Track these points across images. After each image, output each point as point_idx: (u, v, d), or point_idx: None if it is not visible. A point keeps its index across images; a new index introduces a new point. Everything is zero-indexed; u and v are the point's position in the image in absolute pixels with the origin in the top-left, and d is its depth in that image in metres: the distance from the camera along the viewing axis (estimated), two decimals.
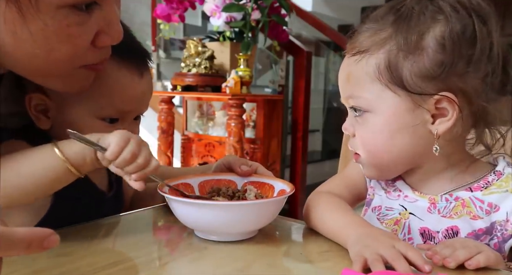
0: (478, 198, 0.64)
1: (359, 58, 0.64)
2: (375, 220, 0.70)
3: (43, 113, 0.71)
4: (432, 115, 0.62)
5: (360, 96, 0.64)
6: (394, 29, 0.61)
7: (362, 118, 0.65)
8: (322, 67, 4.18)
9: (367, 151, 0.66)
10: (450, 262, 0.53)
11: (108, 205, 0.78)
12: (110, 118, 0.70)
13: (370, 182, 0.75)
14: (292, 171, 2.76)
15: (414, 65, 0.60)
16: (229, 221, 0.58)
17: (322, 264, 0.57)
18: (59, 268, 0.52)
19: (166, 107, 2.35)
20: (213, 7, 2.15)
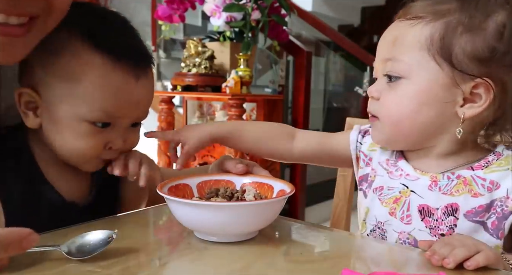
0: (480, 176, 0.65)
1: (414, 22, 0.64)
2: (377, 200, 0.71)
3: (32, 110, 0.68)
4: (464, 98, 0.62)
5: (402, 60, 0.64)
6: (460, 3, 0.61)
7: (395, 84, 0.65)
8: (322, 67, 4.19)
9: (390, 116, 0.67)
10: (449, 263, 0.53)
11: (84, 215, 0.72)
12: (101, 123, 0.67)
13: (371, 164, 0.75)
14: (292, 171, 2.76)
15: (468, 43, 0.60)
16: (228, 222, 0.58)
17: (322, 264, 0.57)
18: (58, 268, 0.52)
19: (166, 107, 2.35)
20: (213, 7, 2.15)
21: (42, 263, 0.53)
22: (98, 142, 0.68)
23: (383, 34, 0.69)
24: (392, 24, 0.68)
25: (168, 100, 2.35)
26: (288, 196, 0.62)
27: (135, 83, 0.68)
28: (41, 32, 0.61)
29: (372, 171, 0.74)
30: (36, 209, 0.70)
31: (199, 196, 0.69)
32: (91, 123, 0.67)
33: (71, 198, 0.73)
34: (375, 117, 0.69)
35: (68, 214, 0.71)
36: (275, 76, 2.60)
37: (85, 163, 0.71)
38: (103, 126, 0.68)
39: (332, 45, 4.12)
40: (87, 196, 0.76)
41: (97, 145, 0.69)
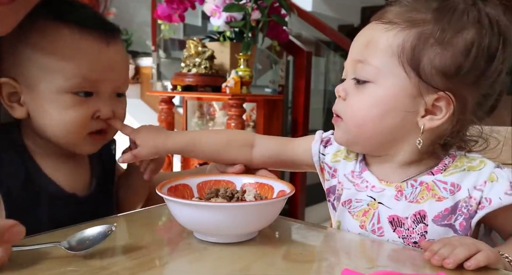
0: (441, 180, 0.66)
1: (389, 27, 0.64)
2: (347, 213, 0.71)
3: (16, 101, 0.69)
4: (425, 109, 0.64)
5: (373, 64, 0.65)
6: (435, 16, 0.62)
7: (363, 87, 0.66)
8: (322, 67, 4.18)
9: (353, 118, 0.67)
10: (449, 263, 0.53)
11: (85, 207, 0.75)
12: (83, 92, 0.68)
13: (337, 177, 0.75)
14: (292, 171, 2.76)
15: (436, 56, 0.61)
16: (228, 222, 0.58)
17: (322, 264, 0.57)
18: (58, 268, 0.52)
19: (166, 107, 2.35)
20: (213, 7, 2.15)
21: (42, 263, 0.53)
22: (84, 111, 0.69)
23: (357, 34, 0.70)
24: (367, 25, 0.69)
25: (168, 100, 2.35)
26: (288, 196, 0.62)
27: (106, 48, 0.70)
28: (27, 4, 0.63)
29: (339, 184, 0.75)
30: (37, 202, 0.70)
31: (199, 197, 0.69)
32: (73, 93, 0.68)
33: (71, 190, 0.74)
34: (340, 117, 0.69)
35: (69, 206, 0.73)
36: (275, 76, 2.60)
37: (77, 140, 0.71)
38: (86, 95, 0.69)
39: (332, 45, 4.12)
40: (88, 189, 0.77)
41: (84, 115, 0.69)
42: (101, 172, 0.80)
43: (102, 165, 0.81)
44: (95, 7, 3.55)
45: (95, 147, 0.74)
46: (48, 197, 0.71)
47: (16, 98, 0.69)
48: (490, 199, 0.63)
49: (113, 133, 0.76)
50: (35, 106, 0.69)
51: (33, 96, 0.68)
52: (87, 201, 0.76)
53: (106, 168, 0.82)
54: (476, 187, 0.64)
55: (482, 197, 0.63)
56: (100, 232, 0.56)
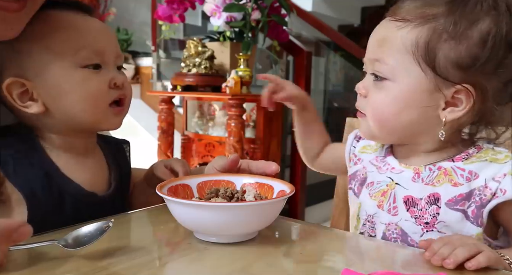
0: (459, 167, 0.67)
1: (402, 25, 0.64)
2: (367, 195, 0.74)
3: (29, 99, 0.69)
4: (445, 102, 0.64)
5: (388, 62, 0.66)
6: (447, 9, 0.62)
7: (381, 84, 0.67)
8: (322, 67, 4.18)
9: (375, 114, 0.69)
10: (449, 264, 0.53)
11: (104, 207, 0.75)
12: (93, 65, 0.70)
13: (362, 163, 0.79)
14: (292, 171, 2.76)
15: (451, 50, 0.61)
16: (228, 222, 0.58)
17: (322, 264, 0.57)
18: (58, 268, 0.52)
19: (166, 107, 2.35)
20: (213, 7, 2.15)
21: (42, 263, 0.53)
22: (101, 81, 0.71)
23: (373, 31, 0.70)
24: (381, 22, 0.69)
25: (168, 100, 2.35)
26: (288, 196, 0.62)
27: (91, 18, 0.73)
28: (32, 8, 0.65)
29: (363, 169, 0.78)
30: (60, 203, 0.70)
31: (199, 197, 0.69)
32: (84, 67, 0.69)
33: (91, 189, 0.74)
34: (363, 114, 0.71)
35: (90, 206, 0.73)
36: None
37: (100, 114, 0.72)
38: (97, 68, 0.71)
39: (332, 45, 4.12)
40: (106, 188, 0.77)
41: (101, 85, 0.71)
42: (118, 171, 0.81)
43: (118, 166, 0.81)
44: (96, 7, 3.55)
45: (118, 120, 0.75)
46: (70, 197, 0.71)
47: (27, 95, 0.69)
48: (505, 190, 0.63)
49: (128, 104, 0.77)
50: (50, 93, 0.69)
51: (46, 83, 0.68)
52: (107, 200, 0.76)
53: (122, 168, 0.82)
54: (494, 178, 0.65)
55: (498, 188, 0.64)
56: (97, 228, 0.56)
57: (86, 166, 0.75)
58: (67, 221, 0.68)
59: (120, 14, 3.70)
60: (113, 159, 0.81)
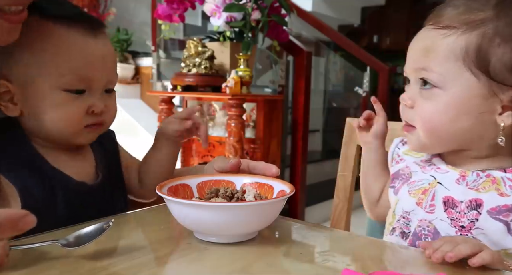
0: (510, 178, 0.65)
1: (448, 33, 0.63)
2: (406, 192, 0.73)
3: (9, 100, 0.70)
4: (502, 106, 0.62)
5: (436, 71, 0.64)
6: (496, 13, 0.61)
7: (429, 92, 0.65)
8: (322, 67, 4.19)
9: (426, 124, 0.67)
10: (452, 257, 0.53)
11: (94, 196, 0.76)
12: (75, 90, 0.69)
13: (405, 162, 0.77)
14: (292, 171, 2.76)
15: (505, 54, 0.60)
16: (228, 222, 0.58)
17: (322, 264, 0.57)
18: (58, 268, 0.52)
19: (166, 107, 2.35)
20: (213, 7, 2.15)
21: (42, 263, 0.53)
22: (79, 108, 0.71)
23: (414, 39, 0.69)
24: (422, 31, 0.68)
25: (168, 100, 2.35)
26: (287, 196, 0.62)
27: (94, 41, 0.70)
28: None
29: (406, 168, 0.76)
30: (53, 195, 0.71)
31: (199, 197, 0.69)
32: (66, 90, 0.69)
33: (80, 180, 0.75)
34: (411, 126, 0.69)
35: (81, 195, 0.74)
36: (275, 76, 2.60)
37: (74, 134, 0.73)
38: (78, 92, 0.70)
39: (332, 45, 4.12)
40: (95, 178, 0.78)
41: (79, 111, 0.71)
42: (106, 161, 0.81)
43: (106, 154, 0.82)
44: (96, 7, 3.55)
45: (92, 137, 0.76)
46: (61, 188, 0.72)
47: (8, 97, 0.70)
48: None
49: (109, 123, 0.78)
50: (29, 104, 0.70)
51: (26, 94, 0.69)
52: (97, 189, 0.77)
53: (111, 157, 0.83)
54: None
55: None
56: (97, 228, 0.56)
57: (73, 158, 0.76)
58: (60, 212, 0.70)
59: (120, 14, 3.70)
60: (100, 148, 0.82)
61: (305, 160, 2.77)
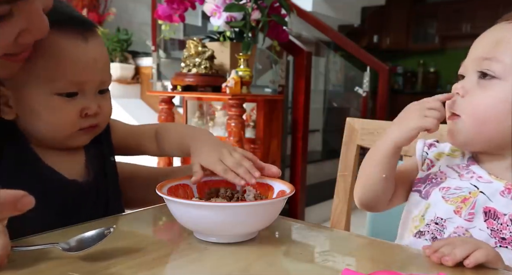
0: None
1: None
2: (440, 198, 0.70)
3: (4, 104, 0.70)
4: None
5: (503, 61, 0.63)
6: None
7: (488, 83, 0.64)
8: (322, 67, 4.19)
9: (475, 115, 0.65)
10: (448, 261, 0.54)
11: (87, 193, 0.75)
12: (67, 93, 0.69)
13: (438, 167, 0.75)
14: (292, 171, 2.76)
15: None
16: (228, 222, 0.58)
17: (322, 264, 0.57)
18: (58, 268, 0.52)
19: (166, 107, 2.35)
20: (213, 7, 2.15)
21: (42, 264, 0.53)
22: (72, 111, 0.70)
23: (482, 35, 0.68)
24: (495, 26, 0.67)
25: (168, 100, 2.35)
26: (287, 196, 0.62)
27: (85, 44, 0.70)
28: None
29: (440, 173, 0.74)
30: (45, 192, 0.71)
31: (199, 197, 0.69)
32: (59, 95, 0.69)
33: (71, 177, 0.75)
34: (457, 115, 0.68)
35: (73, 193, 0.74)
36: (275, 76, 2.60)
37: (69, 137, 0.73)
38: (71, 96, 0.70)
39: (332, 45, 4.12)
40: (86, 176, 0.77)
41: (73, 114, 0.71)
42: (99, 159, 0.80)
43: (99, 151, 0.81)
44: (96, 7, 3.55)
45: (86, 139, 0.76)
46: (54, 186, 0.72)
47: (3, 100, 0.70)
48: None
49: (104, 124, 0.77)
50: (23, 108, 0.70)
51: (20, 99, 0.69)
52: (88, 187, 0.76)
53: (105, 154, 0.82)
54: None
55: None
56: (98, 233, 0.56)
57: (64, 156, 0.75)
58: (54, 210, 0.70)
59: (120, 14, 3.70)
60: (93, 146, 0.80)
61: (305, 160, 2.77)
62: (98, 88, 0.73)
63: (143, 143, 0.84)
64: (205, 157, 0.71)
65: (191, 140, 0.76)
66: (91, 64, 0.70)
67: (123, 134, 0.84)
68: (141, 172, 0.90)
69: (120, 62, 3.35)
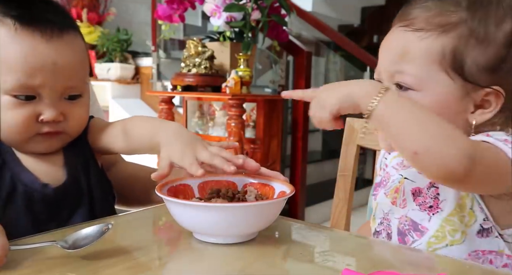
0: None
1: (423, 35, 0.63)
2: (383, 195, 0.74)
3: None
4: (474, 105, 0.63)
5: (412, 74, 0.64)
6: (470, 14, 0.61)
7: (407, 93, 0.65)
8: (322, 67, 4.19)
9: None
10: None
11: (62, 197, 0.71)
12: (24, 95, 0.65)
13: (387, 169, 0.78)
14: (292, 171, 2.76)
15: (479, 55, 0.61)
16: (229, 223, 0.58)
17: (322, 264, 0.57)
18: (58, 268, 0.52)
19: (166, 107, 2.35)
20: (213, 7, 2.15)
21: (42, 264, 0.53)
22: (24, 115, 0.66)
23: (386, 40, 0.69)
24: (395, 31, 0.67)
25: (168, 100, 2.35)
26: (287, 197, 0.62)
27: (45, 46, 0.65)
28: None
29: (386, 174, 0.78)
30: (14, 193, 0.68)
31: (199, 197, 0.69)
32: (13, 96, 0.65)
33: (46, 181, 0.71)
34: None
35: (44, 197, 0.70)
36: (275, 76, 2.60)
37: (23, 141, 0.69)
38: (27, 99, 0.66)
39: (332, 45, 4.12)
40: (61, 179, 0.73)
41: (25, 118, 0.66)
42: (81, 162, 0.75)
43: (80, 154, 0.76)
44: (96, 7, 3.55)
45: (51, 145, 0.71)
46: (23, 187, 0.68)
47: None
48: None
49: (73, 131, 0.73)
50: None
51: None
52: (60, 192, 0.71)
53: (87, 157, 0.77)
54: None
55: None
56: (97, 230, 0.56)
57: (41, 158, 0.72)
58: (19, 212, 0.67)
59: (120, 14, 3.70)
60: (74, 149, 0.76)
61: (305, 160, 2.77)
62: (62, 93, 0.69)
63: (111, 140, 0.76)
64: (177, 154, 0.65)
65: (160, 137, 0.69)
66: (49, 67, 0.65)
67: (96, 134, 0.78)
68: (142, 172, 0.89)
69: (120, 62, 3.35)
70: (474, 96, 0.63)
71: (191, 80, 2.22)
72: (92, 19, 3.49)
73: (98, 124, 0.79)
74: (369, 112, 0.57)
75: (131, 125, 0.74)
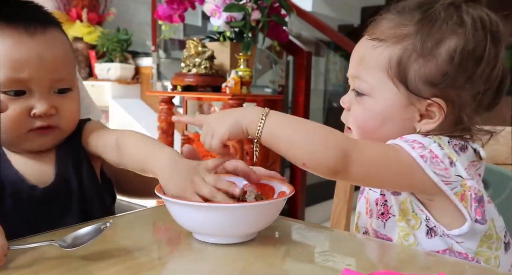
0: None
1: (376, 44, 0.67)
2: (363, 205, 0.77)
3: None
4: (420, 114, 0.66)
5: (366, 80, 0.68)
6: (417, 29, 0.64)
7: (361, 99, 0.69)
8: (322, 67, 4.18)
9: (357, 128, 0.71)
10: None
11: (51, 198, 0.71)
12: (13, 91, 0.66)
13: None
14: (292, 171, 2.76)
15: (421, 68, 0.64)
16: (229, 223, 0.58)
17: (322, 264, 0.57)
18: (58, 268, 0.52)
19: (166, 107, 2.35)
20: (213, 7, 2.15)
21: (41, 264, 0.53)
22: (17, 110, 0.67)
23: (354, 48, 0.72)
24: (361, 40, 0.71)
25: (168, 100, 2.35)
26: (287, 197, 0.62)
27: (30, 40, 0.67)
28: None
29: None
30: (3, 193, 0.68)
31: None
32: (3, 93, 0.66)
33: (35, 182, 0.71)
34: (350, 129, 0.73)
35: (31, 198, 0.70)
36: (275, 76, 2.60)
37: (18, 138, 0.69)
38: (17, 95, 0.67)
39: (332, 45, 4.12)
40: (49, 181, 0.73)
41: (17, 114, 0.67)
42: (74, 163, 0.75)
43: (74, 154, 0.76)
44: (96, 7, 3.55)
45: (44, 141, 0.72)
46: (11, 187, 0.69)
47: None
48: None
49: (66, 126, 0.73)
50: None
51: None
52: (49, 192, 0.71)
53: (80, 158, 0.77)
54: None
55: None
56: (95, 229, 0.56)
57: (33, 158, 0.72)
58: (8, 213, 0.67)
59: (120, 14, 3.70)
60: (67, 150, 0.75)
61: None
62: (51, 87, 0.70)
63: (103, 149, 0.74)
64: (176, 190, 0.62)
65: (154, 166, 0.66)
66: (35, 61, 0.67)
67: (90, 138, 0.76)
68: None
69: (120, 62, 3.35)
70: (418, 106, 0.66)
71: (191, 80, 2.22)
72: (92, 19, 3.49)
73: (94, 128, 0.78)
74: (258, 137, 0.61)
75: (125, 142, 0.72)
